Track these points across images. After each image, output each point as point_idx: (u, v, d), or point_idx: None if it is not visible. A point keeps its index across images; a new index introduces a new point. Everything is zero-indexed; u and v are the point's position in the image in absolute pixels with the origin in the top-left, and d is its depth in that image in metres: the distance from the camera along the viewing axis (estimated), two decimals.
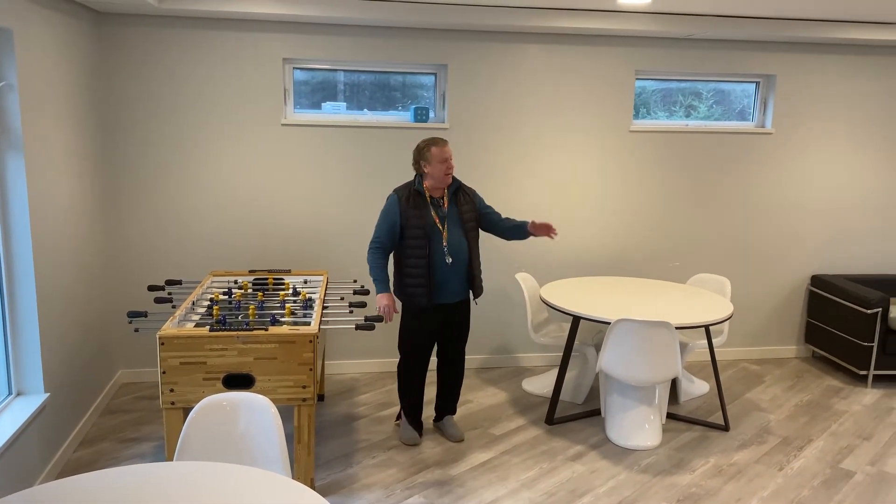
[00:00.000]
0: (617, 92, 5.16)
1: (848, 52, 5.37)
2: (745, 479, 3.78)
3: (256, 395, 2.63)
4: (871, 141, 5.55)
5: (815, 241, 5.63)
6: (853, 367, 5.15)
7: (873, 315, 4.97)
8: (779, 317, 5.69)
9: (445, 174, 3.85)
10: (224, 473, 2.23)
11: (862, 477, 3.82)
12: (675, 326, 3.96)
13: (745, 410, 4.66)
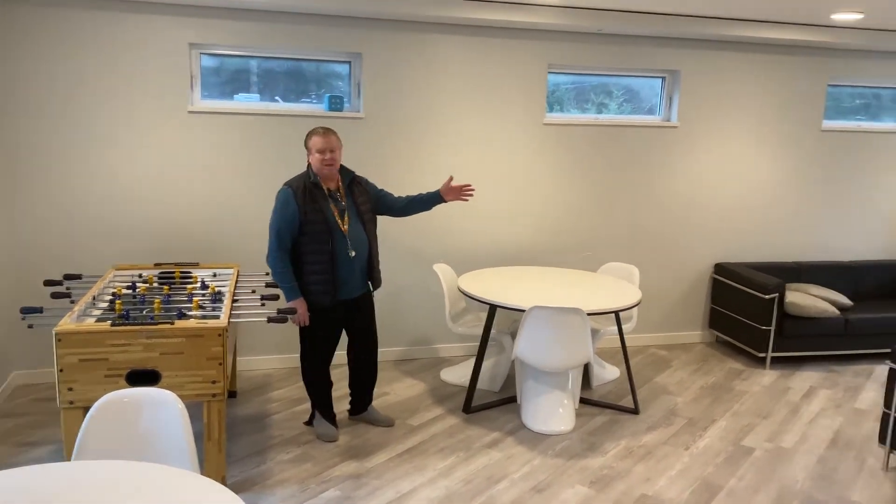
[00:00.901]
0: (530, 85, 5.23)
1: (746, 49, 5.63)
2: (654, 459, 3.91)
3: (162, 391, 2.52)
4: (767, 135, 5.84)
5: (717, 230, 5.89)
6: (753, 350, 5.42)
7: (771, 300, 5.23)
8: (685, 303, 5.93)
9: (324, 166, 3.69)
10: (130, 471, 2.12)
11: (761, 453, 4.02)
12: (587, 313, 4.05)
13: (654, 394, 4.83)
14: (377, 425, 4.19)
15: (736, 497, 3.54)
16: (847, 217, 6.20)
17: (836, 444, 4.16)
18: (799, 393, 4.93)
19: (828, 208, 6.13)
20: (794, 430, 4.34)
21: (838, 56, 5.86)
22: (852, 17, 4.82)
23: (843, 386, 5.09)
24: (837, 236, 6.21)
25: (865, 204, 6.21)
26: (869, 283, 6.07)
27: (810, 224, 6.11)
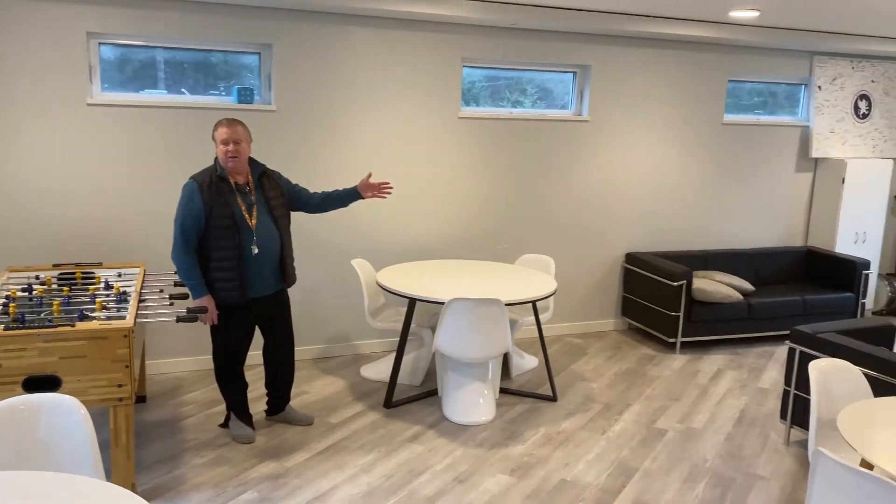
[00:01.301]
0: (446, 78, 5.24)
1: (653, 45, 5.82)
2: (572, 444, 3.99)
3: (62, 396, 2.37)
4: (672, 128, 6.06)
5: (628, 221, 6.07)
6: (663, 336, 5.62)
7: (679, 287, 5.43)
8: (598, 293, 6.08)
9: (228, 158, 3.56)
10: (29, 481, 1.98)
11: (673, 434, 4.17)
12: (505, 303, 4.09)
13: (571, 381, 4.93)
14: (296, 424, 4.11)
15: (650, 477, 3.65)
16: (748, 206, 6.50)
17: (741, 423, 4.35)
18: (707, 375, 5.14)
19: (730, 199, 6.42)
20: (703, 410, 4.52)
21: (738, 53, 6.13)
22: (749, 14, 5.06)
23: (748, 367, 5.35)
24: (740, 225, 6.51)
25: (764, 194, 6.54)
26: (769, 269, 6.39)
27: (714, 214, 6.38)
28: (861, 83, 6.63)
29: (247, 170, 3.73)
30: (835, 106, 6.55)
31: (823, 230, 6.65)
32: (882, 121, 6.77)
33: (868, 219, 6.63)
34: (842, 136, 6.63)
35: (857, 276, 6.05)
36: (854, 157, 6.69)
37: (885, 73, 6.70)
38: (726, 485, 3.61)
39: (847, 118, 6.63)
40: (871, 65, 6.64)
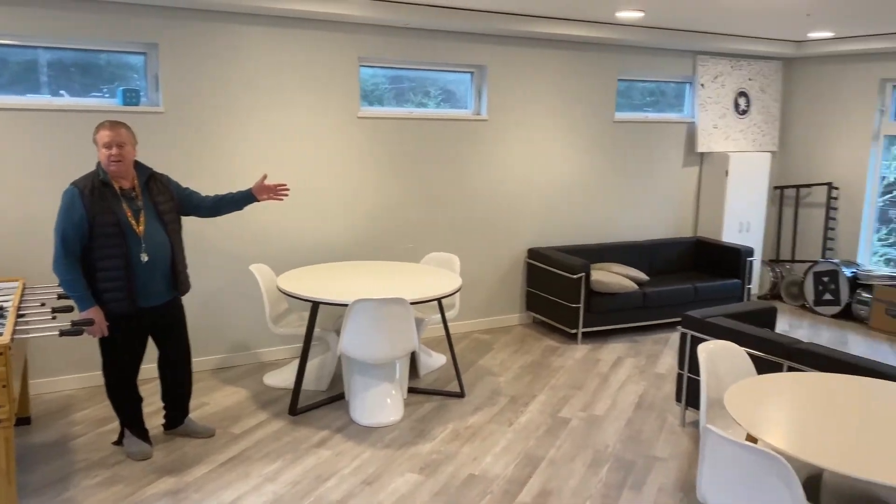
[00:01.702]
0: (343, 78, 5.18)
1: (546, 45, 5.97)
2: (479, 438, 4.02)
3: None
4: (567, 126, 6.23)
5: (530, 217, 6.19)
6: (566, 328, 5.76)
7: (578, 280, 5.59)
8: (503, 288, 6.17)
9: (111, 162, 3.40)
10: None
11: (577, 422, 4.28)
12: (410, 302, 4.08)
13: (479, 376, 4.98)
14: (196, 437, 3.95)
15: (555, 466, 3.73)
16: (641, 200, 6.77)
17: (640, 407, 4.52)
18: (608, 364, 5.31)
19: (624, 193, 6.66)
20: (604, 397, 4.66)
21: (626, 53, 6.38)
22: (634, 15, 5.26)
23: (645, 354, 5.56)
24: (634, 218, 6.77)
25: (655, 188, 6.83)
26: (662, 259, 6.68)
27: (610, 208, 6.61)
28: (740, 81, 7.03)
29: (132, 174, 3.56)
30: (717, 103, 6.92)
31: (711, 221, 7.00)
32: (759, 116, 7.21)
33: (750, 209, 7.03)
34: (724, 132, 7.01)
35: (743, 263, 6.41)
36: (736, 150, 7.08)
37: (760, 72, 7.13)
38: (627, 468, 3.74)
39: (728, 114, 7.01)
40: (748, 63, 7.05)
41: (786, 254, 7.47)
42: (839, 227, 7.02)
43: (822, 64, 7.04)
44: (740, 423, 2.69)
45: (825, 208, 7.08)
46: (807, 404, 2.85)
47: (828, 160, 7.07)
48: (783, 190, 7.45)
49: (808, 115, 7.21)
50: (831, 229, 7.08)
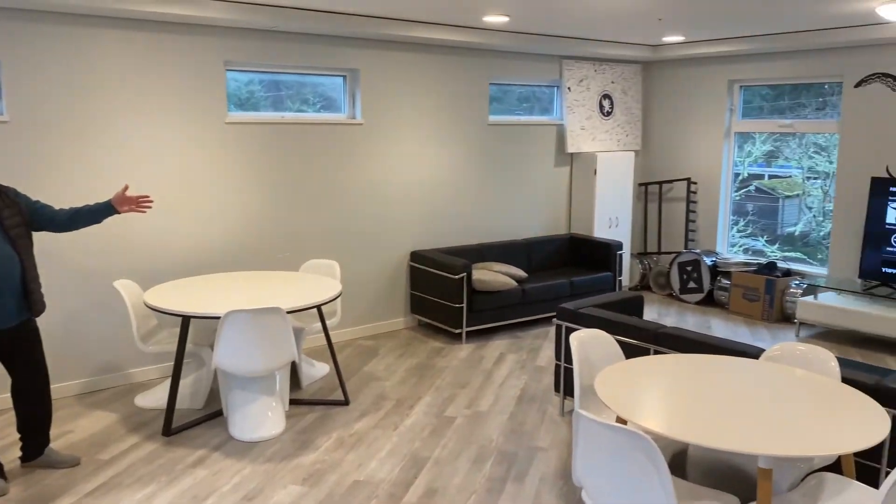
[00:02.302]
0: (208, 83, 5.00)
1: (419, 49, 6.01)
2: (364, 444, 3.98)
3: None
4: (443, 130, 6.31)
5: (411, 220, 6.21)
6: (450, 328, 5.82)
7: (460, 280, 5.66)
8: (387, 293, 6.16)
9: None
10: None
11: (462, 420, 4.32)
12: (287, 311, 3.99)
13: (364, 382, 4.93)
14: (59, 468, 3.68)
15: (441, 465, 3.75)
16: (517, 200, 6.95)
17: (522, 400, 4.63)
18: (491, 360, 5.40)
19: (501, 194, 6.82)
20: (488, 394, 4.74)
21: (496, 57, 6.54)
22: (500, 19, 5.40)
23: (527, 348, 5.70)
24: (511, 217, 6.94)
25: (531, 188, 7.04)
26: (539, 256, 6.88)
27: (488, 209, 6.74)
28: (603, 84, 7.37)
29: None
30: (583, 105, 7.22)
31: (583, 218, 7.29)
32: (623, 117, 7.58)
33: (618, 205, 7.38)
34: (591, 133, 7.32)
35: (613, 256, 6.71)
36: (603, 150, 7.42)
37: (622, 75, 7.51)
38: (511, 460, 3.81)
39: (594, 116, 7.33)
40: (610, 67, 7.40)
41: (653, 246, 7.90)
42: (699, 220, 7.49)
43: (677, 67, 7.51)
44: (609, 405, 2.81)
45: (686, 202, 7.55)
46: (670, 384, 3.01)
47: (686, 157, 7.54)
48: (647, 186, 7.88)
49: (667, 115, 7.66)
50: (692, 221, 7.55)
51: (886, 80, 5.98)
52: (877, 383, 3.09)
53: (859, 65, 6.11)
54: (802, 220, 6.84)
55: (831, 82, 6.43)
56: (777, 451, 2.41)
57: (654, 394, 2.91)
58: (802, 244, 6.82)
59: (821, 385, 2.99)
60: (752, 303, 6.61)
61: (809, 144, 6.68)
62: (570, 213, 7.43)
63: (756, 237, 7.21)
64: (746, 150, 7.15)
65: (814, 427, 2.59)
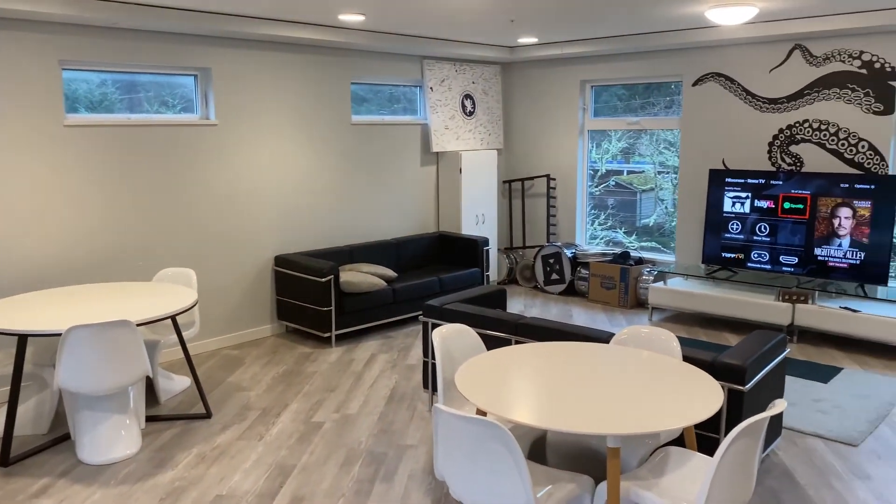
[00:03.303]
0: (42, 83, 4.63)
1: (277, 48, 5.86)
2: (227, 457, 3.83)
3: None
4: (306, 130, 6.19)
5: (274, 224, 6.05)
6: (319, 332, 5.72)
7: (327, 282, 5.58)
8: (251, 300, 5.96)
9: None
10: None
11: (330, 424, 4.26)
12: (137, 323, 3.76)
13: (228, 394, 4.75)
14: None
15: (308, 471, 3.67)
16: (385, 200, 6.94)
17: (392, 400, 4.62)
18: (361, 362, 5.36)
19: (368, 194, 6.78)
20: (358, 396, 4.69)
21: (357, 56, 6.49)
22: (356, 18, 5.36)
23: (398, 348, 5.70)
24: (380, 218, 6.92)
25: (398, 187, 7.05)
26: (409, 255, 6.91)
27: (356, 209, 6.69)
28: (465, 84, 7.51)
29: None
30: (446, 105, 7.32)
31: (450, 215, 7.39)
32: (485, 117, 7.76)
33: (484, 202, 7.54)
34: (455, 132, 7.44)
35: (480, 252, 6.85)
36: (467, 149, 7.55)
37: (482, 75, 7.68)
38: (380, 460, 3.79)
39: (457, 116, 7.45)
40: (470, 67, 7.55)
41: (518, 241, 8.14)
42: (559, 214, 7.79)
43: (533, 67, 7.77)
44: (468, 398, 2.85)
45: (546, 198, 7.83)
46: (527, 373, 3.10)
47: (545, 154, 7.82)
48: (511, 183, 8.11)
49: (526, 115, 7.92)
50: (553, 216, 7.84)
51: (720, 79, 6.47)
52: (713, 360, 3.33)
53: (696, 65, 6.58)
54: (656, 212, 7.27)
55: (673, 82, 6.88)
56: (622, 430, 2.53)
57: (511, 383, 2.98)
58: (659, 234, 7.25)
59: (664, 364, 3.18)
60: (609, 291, 6.96)
61: (661, 141, 7.12)
62: (439, 212, 7.52)
63: (615, 229, 7.60)
64: (604, 148, 7.51)
65: (656, 404, 2.75)
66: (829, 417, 4.25)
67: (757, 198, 6.13)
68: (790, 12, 5.32)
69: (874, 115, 5.68)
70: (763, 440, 2.64)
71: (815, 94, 5.96)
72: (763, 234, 6.11)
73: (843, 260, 5.71)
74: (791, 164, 6.14)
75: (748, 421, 2.42)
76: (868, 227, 5.57)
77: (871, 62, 5.65)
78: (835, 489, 3.45)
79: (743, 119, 6.37)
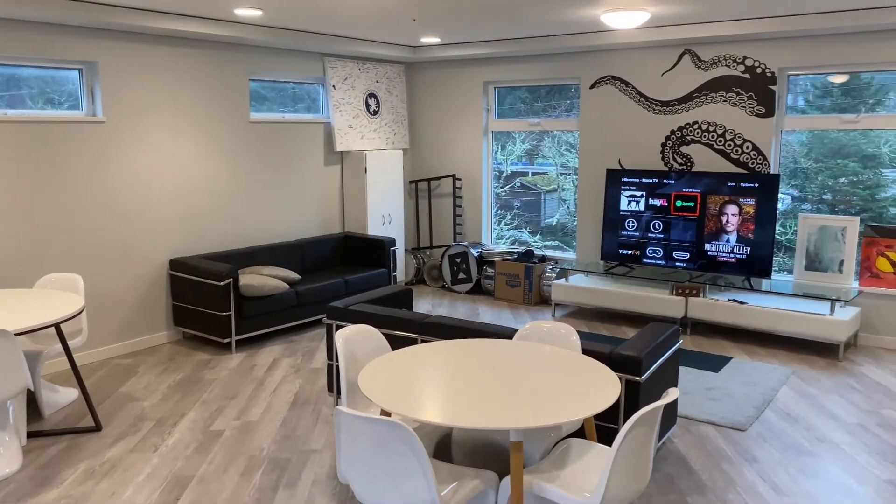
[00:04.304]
0: None
1: (172, 43, 5.61)
2: (119, 471, 3.63)
3: None
4: (202, 128, 5.96)
5: (169, 226, 5.79)
6: (218, 338, 5.52)
7: (226, 286, 5.39)
8: (145, 306, 5.68)
9: None
10: None
11: (230, 432, 4.10)
12: (15, 332, 3.50)
13: (120, 405, 4.50)
14: None
15: (206, 482, 3.52)
16: (288, 201, 6.78)
17: (296, 405, 4.51)
18: (263, 368, 5.20)
19: (270, 194, 6.61)
20: (259, 402, 4.55)
21: (255, 53, 6.31)
22: (253, 13, 5.21)
23: (302, 351, 5.58)
24: (283, 219, 6.75)
25: (301, 187, 6.90)
26: (313, 257, 6.78)
27: (257, 210, 6.50)
28: (368, 83, 7.44)
29: None
30: (349, 104, 7.23)
31: (356, 216, 7.31)
32: (390, 116, 7.72)
33: (391, 202, 7.50)
34: (359, 131, 7.36)
35: (387, 253, 6.80)
36: (372, 149, 7.49)
37: (386, 74, 7.64)
38: (283, 466, 3.68)
39: (361, 115, 7.38)
40: (374, 66, 7.49)
41: (425, 241, 8.14)
42: (465, 213, 7.85)
43: (437, 68, 7.80)
44: (371, 398, 2.81)
45: (452, 197, 7.87)
46: (431, 371, 3.09)
47: (451, 154, 7.86)
48: (417, 183, 8.10)
49: (431, 115, 7.93)
50: (459, 216, 7.89)
51: (615, 82, 6.69)
52: (611, 352, 3.42)
53: (593, 68, 6.78)
54: (559, 212, 7.44)
55: (572, 84, 7.07)
56: (522, 424, 2.56)
57: (415, 382, 2.96)
58: (562, 234, 7.42)
59: (564, 358, 3.24)
60: (514, 288, 7.06)
61: (562, 143, 7.29)
62: (344, 212, 7.41)
63: (521, 229, 7.72)
64: (509, 149, 7.62)
65: (557, 397, 2.79)
66: (719, 405, 4.46)
67: (651, 196, 6.37)
68: (680, 18, 5.56)
69: (757, 118, 6.02)
70: (658, 428, 2.73)
71: (703, 97, 6.26)
72: (657, 231, 6.36)
73: (730, 255, 6.02)
74: (682, 163, 6.42)
75: (644, 410, 2.49)
76: (753, 223, 5.89)
77: (754, 67, 5.98)
78: (725, 472, 3.62)
79: (637, 121, 6.61)
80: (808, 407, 4.45)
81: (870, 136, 5.67)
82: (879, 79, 5.59)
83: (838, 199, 5.87)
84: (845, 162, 5.80)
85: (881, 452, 3.83)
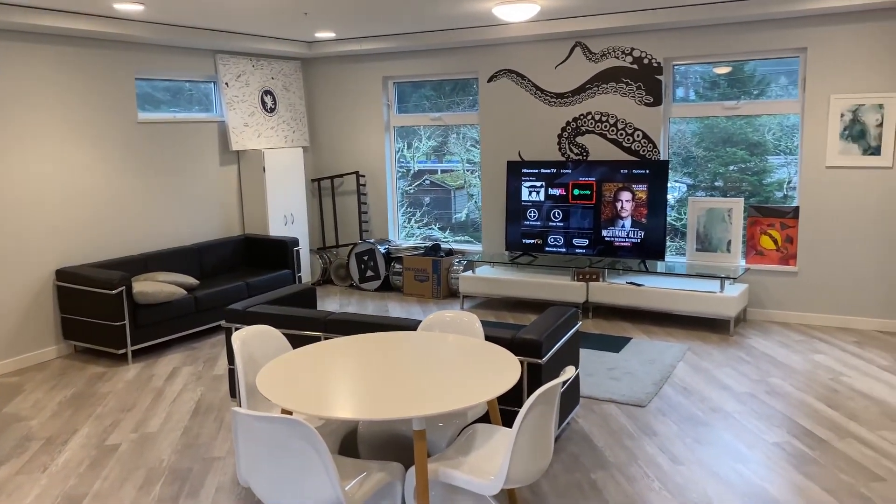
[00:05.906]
0: None
1: (51, 41, 5.28)
2: (3, 496, 3.39)
3: None
4: (85, 130, 5.65)
5: (53, 235, 5.46)
6: (113, 350, 5.25)
7: (118, 294, 5.13)
8: (30, 320, 5.34)
9: None
10: None
11: (127, 445, 3.91)
12: None
13: (4, 425, 4.21)
14: None
15: (102, 498, 3.34)
16: (183, 203, 6.53)
17: (198, 413, 4.35)
18: (162, 377, 4.99)
19: (163, 197, 6.34)
20: (158, 413, 4.36)
21: (142, 50, 6.04)
22: (134, 8, 4.98)
23: (203, 359, 5.39)
24: (178, 222, 6.50)
25: (196, 189, 6.66)
26: (212, 260, 6.56)
27: (149, 214, 6.22)
28: (263, 80, 7.26)
29: None
30: (244, 101, 7.04)
31: (257, 217, 7.12)
32: (288, 113, 7.56)
33: (292, 202, 7.35)
34: (256, 129, 7.17)
35: (290, 253, 6.67)
36: (270, 147, 7.32)
37: (281, 71, 7.48)
38: (184, 476, 3.54)
39: (257, 112, 7.19)
40: (268, 63, 7.32)
41: (331, 240, 8.03)
42: (371, 210, 7.80)
43: (334, 63, 7.70)
44: (270, 398, 2.74)
45: (357, 195, 7.80)
46: (333, 367, 3.04)
47: (353, 151, 7.78)
48: (319, 182, 7.98)
49: (331, 111, 7.83)
50: (364, 213, 7.83)
51: (511, 75, 6.80)
52: (512, 337, 3.47)
53: (490, 62, 6.87)
54: (467, 208, 7.49)
55: (471, 78, 7.13)
56: (424, 412, 2.55)
57: (316, 379, 2.90)
58: (472, 229, 7.48)
59: (467, 345, 3.26)
60: (422, 283, 7.07)
61: (468, 139, 7.34)
62: (243, 213, 7.21)
63: (431, 226, 7.72)
64: (416, 146, 7.60)
65: (459, 383, 2.80)
66: (620, 383, 4.61)
67: (550, 186, 6.52)
68: (569, 11, 5.70)
69: (646, 107, 6.26)
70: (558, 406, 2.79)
71: (595, 89, 6.45)
72: (557, 219, 6.52)
73: (626, 239, 6.23)
74: (578, 153, 6.60)
75: (542, 388, 2.54)
76: (646, 208, 6.13)
77: (641, 58, 6.21)
78: (627, 447, 3.74)
79: (534, 113, 6.74)
80: (703, 380, 4.66)
81: (755, 125, 6.01)
82: (762, 70, 5.92)
83: (729, 185, 6.18)
84: (734, 150, 6.11)
85: (769, 418, 4.05)
